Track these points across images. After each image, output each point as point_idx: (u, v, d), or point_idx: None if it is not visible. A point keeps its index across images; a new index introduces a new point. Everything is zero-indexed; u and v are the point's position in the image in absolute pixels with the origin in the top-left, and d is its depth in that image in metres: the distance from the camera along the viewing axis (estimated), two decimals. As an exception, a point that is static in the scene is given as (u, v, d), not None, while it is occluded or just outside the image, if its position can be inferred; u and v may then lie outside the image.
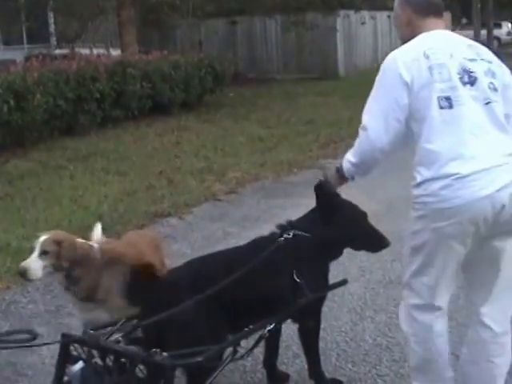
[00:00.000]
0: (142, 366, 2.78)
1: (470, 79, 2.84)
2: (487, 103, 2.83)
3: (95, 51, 16.95)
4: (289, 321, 3.45)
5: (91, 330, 2.95)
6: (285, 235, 3.26)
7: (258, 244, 3.34)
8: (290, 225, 3.38)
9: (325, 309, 4.36)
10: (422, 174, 2.80)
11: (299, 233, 3.27)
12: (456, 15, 39.84)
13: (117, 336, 2.96)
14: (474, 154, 2.76)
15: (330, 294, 4.29)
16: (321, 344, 3.86)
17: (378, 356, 3.89)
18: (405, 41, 3.05)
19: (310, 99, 15.72)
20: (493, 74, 2.90)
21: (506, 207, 2.72)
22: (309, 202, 3.49)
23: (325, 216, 3.34)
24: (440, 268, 2.87)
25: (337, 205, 3.38)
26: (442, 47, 2.92)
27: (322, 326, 4.04)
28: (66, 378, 2.85)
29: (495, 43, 36.18)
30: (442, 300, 2.97)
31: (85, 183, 8.21)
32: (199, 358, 2.74)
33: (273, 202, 7.47)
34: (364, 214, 3.43)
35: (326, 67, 21.44)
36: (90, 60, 12.77)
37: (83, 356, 2.82)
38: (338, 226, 3.33)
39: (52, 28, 20.82)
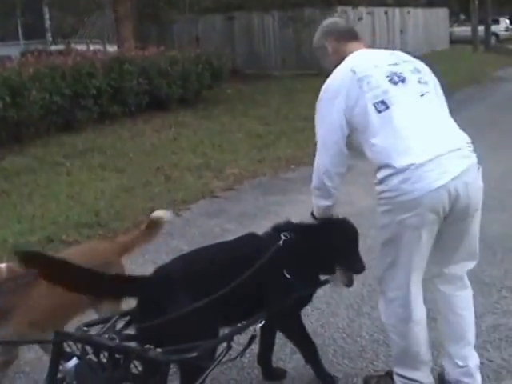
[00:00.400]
0: (136, 362, 2.77)
1: (399, 78, 3.10)
2: (422, 95, 3.08)
3: (91, 47, 16.87)
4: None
5: (84, 326, 2.94)
6: (283, 237, 3.26)
7: (249, 240, 3.36)
8: (287, 226, 3.40)
9: (323, 305, 4.40)
10: (380, 172, 3.00)
11: (292, 236, 3.29)
12: (454, 12, 39.87)
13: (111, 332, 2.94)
14: (421, 144, 2.96)
15: (328, 291, 4.32)
16: (318, 340, 3.86)
17: (374, 352, 3.89)
18: (333, 68, 3.29)
19: (309, 95, 15.59)
20: (419, 71, 3.20)
21: (460, 195, 2.95)
22: (306, 199, 3.50)
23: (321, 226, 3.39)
24: (411, 257, 3.04)
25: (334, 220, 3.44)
26: (366, 60, 3.21)
27: (320, 322, 4.07)
28: (60, 375, 2.84)
29: (493, 39, 36.19)
30: (418, 289, 3.15)
31: (82, 179, 8.20)
32: (194, 353, 2.73)
33: (270, 198, 7.47)
34: (355, 234, 3.46)
35: (323, 63, 21.40)
36: (86, 56, 12.73)
37: (77, 352, 2.80)
38: (329, 236, 3.34)
39: (48, 24, 20.73)
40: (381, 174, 3.00)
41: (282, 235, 3.27)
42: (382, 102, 3.01)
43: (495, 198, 6.69)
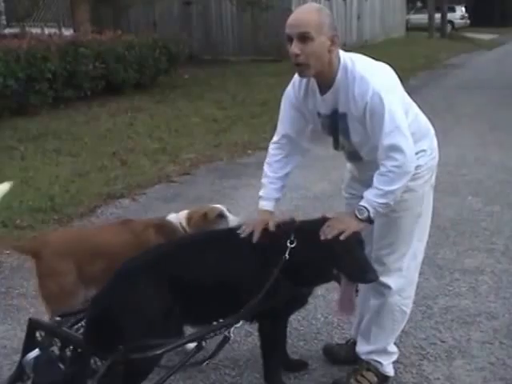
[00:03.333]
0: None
1: None
2: None
3: (46, 30, 16.54)
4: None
5: (60, 316, 2.83)
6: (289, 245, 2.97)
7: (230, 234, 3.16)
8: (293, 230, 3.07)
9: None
10: (423, 144, 3.08)
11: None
12: (411, -1, 40.21)
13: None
14: None
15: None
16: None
17: (329, 334, 3.94)
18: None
19: (265, 80, 15.70)
20: None
21: None
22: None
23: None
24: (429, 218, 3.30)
25: None
26: None
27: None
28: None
29: (449, 27, 36.59)
30: None
31: (36, 164, 8.07)
32: (158, 351, 2.63)
33: (226, 182, 7.46)
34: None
35: (280, 49, 21.35)
36: (41, 39, 12.49)
37: (45, 343, 2.73)
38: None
39: (2, 6, 20.27)
40: (423, 144, 3.07)
41: (288, 243, 2.97)
42: None
43: (449, 183, 6.81)
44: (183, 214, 3.68)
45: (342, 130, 3.02)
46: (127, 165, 8.09)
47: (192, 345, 3.00)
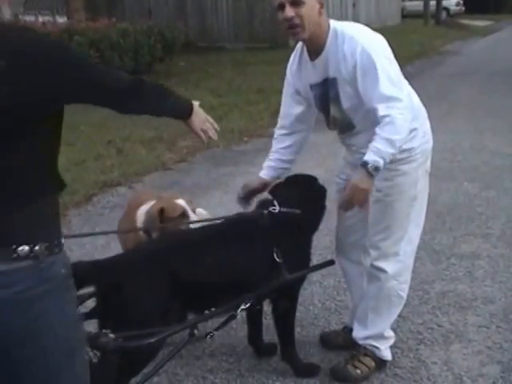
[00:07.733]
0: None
1: None
2: None
3: (40, 18, 16.46)
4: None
5: None
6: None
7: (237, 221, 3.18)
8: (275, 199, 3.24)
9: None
10: (415, 123, 3.00)
11: (286, 210, 3.18)
12: (406, -15, 40.04)
13: None
14: None
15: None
16: (270, 309, 3.87)
17: (326, 319, 3.95)
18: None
19: (261, 68, 15.64)
20: None
21: None
22: (258, 171, 3.50)
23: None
24: (426, 202, 3.29)
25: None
26: None
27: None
28: None
29: (444, 14, 36.49)
30: None
31: (31, 152, 8.03)
32: (151, 340, 2.50)
33: (223, 170, 7.46)
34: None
35: (276, 36, 21.31)
36: (35, 27, 12.40)
37: None
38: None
39: (-6, -6, 20.20)
40: (416, 123, 3.03)
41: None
42: None
43: (445, 169, 6.82)
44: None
45: (333, 97, 3.04)
46: (123, 153, 8.07)
47: None
